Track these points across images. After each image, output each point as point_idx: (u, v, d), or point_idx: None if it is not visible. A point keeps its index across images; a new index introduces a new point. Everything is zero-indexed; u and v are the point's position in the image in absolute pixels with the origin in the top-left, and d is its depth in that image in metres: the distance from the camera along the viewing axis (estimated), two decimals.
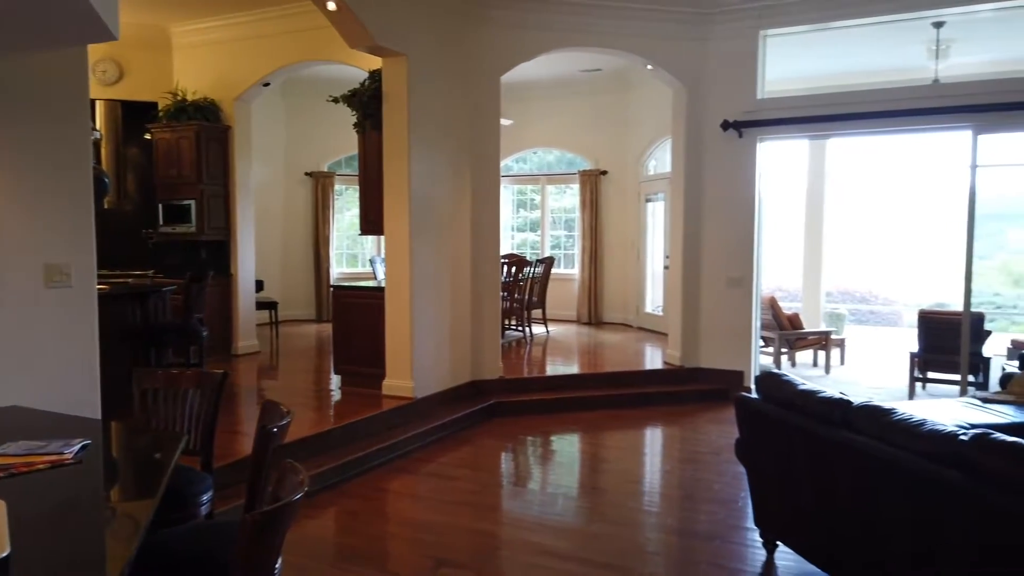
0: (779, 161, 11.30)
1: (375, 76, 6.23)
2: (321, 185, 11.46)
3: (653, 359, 8.34)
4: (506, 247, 12.36)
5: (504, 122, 8.19)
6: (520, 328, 9.63)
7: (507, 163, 12.17)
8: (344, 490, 4.85)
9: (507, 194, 12.40)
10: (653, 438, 6.44)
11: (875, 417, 3.05)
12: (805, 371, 8.96)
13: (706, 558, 3.89)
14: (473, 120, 6.83)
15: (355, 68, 7.03)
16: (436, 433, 5.95)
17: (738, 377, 7.24)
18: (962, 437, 2.65)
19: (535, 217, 12.20)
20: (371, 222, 6.44)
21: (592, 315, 11.00)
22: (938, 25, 6.84)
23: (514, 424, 6.46)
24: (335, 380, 6.89)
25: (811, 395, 3.41)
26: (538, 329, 9.97)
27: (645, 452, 6.11)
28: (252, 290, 8.50)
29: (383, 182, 6.15)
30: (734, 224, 7.35)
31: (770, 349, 8.78)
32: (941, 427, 2.79)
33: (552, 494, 5.00)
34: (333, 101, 6.49)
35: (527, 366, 8.22)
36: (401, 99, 5.97)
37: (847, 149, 14.24)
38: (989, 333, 7.37)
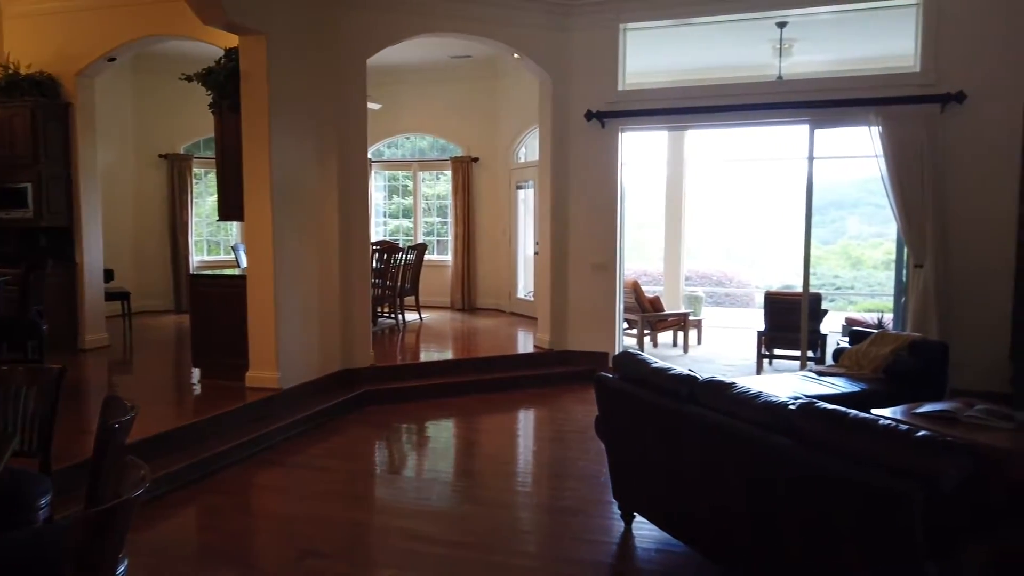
0: (643, 151, 11.81)
1: (232, 54, 5.95)
2: (178, 168, 10.83)
3: (525, 343, 8.50)
4: (379, 233, 12.21)
5: (372, 106, 8.07)
6: (393, 315, 9.55)
7: (379, 148, 11.99)
8: (205, 487, 4.66)
9: (379, 180, 12.23)
10: (523, 420, 6.59)
11: (718, 391, 3.28)
12: (666, 351, 9.44)
13: (570, 532, 4.04)
14: (339, 103, 6.67)
15: (212, 45, 6.68)
16: (304, 424, 5.82)
17: (603, 358, 7.53)
18: (791, 406, 2.90)
19: (408, 203, 12.10)
20: (230, 207, 6.17)
21: (466, 301, 11.07)
22: (781, 25, 7.34)
23: (386, 412, 6.42)
24: (195, 373, 6.57)
25: (662, 372, 3.62)
26: (411, 316, 9.93)
27: (516, 434, 6.24)
28: (100, 280, 7.93)
29: (243, 165, 5.90)
30: (599, 211, 7.61)
31: (634, 331, 9.17)
32: (774, 398, 3.04)
33: (425, 480, 5.03)
34: (186, 79, 6.14)
35: (400, 353, 8.18)
36: (260, 80, 5.74)
37: (705, 140, 15.07)
38: (826, 312, 8.05)
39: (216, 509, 4.40)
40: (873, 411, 4.34)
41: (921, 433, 2.47)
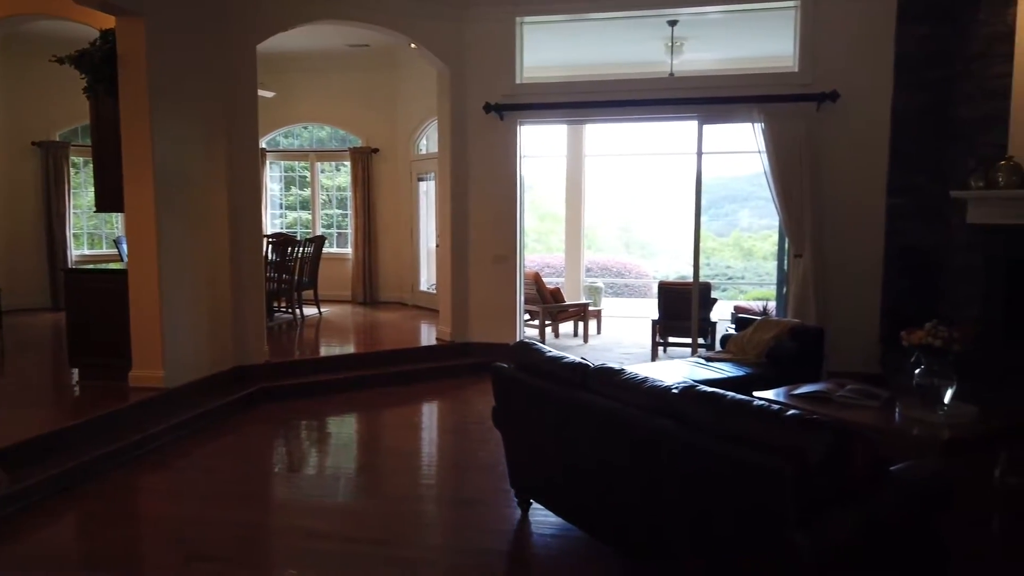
0: (546, 143, 11.97)
1: (107, 36, 5.61)
2: (53, 157, 10.14)
3: (427, 336, 8.46)
4: (277, 226, 11.87)
5: (265, 94, 7.82)
6: (290, 310, 9.30)
7: (275, 137, 11.64)
8: (86, 492, 4.40)
9: (276, 170, 11.87)
10: (425, 413, 6.57)
11: (608, 377, 3.38)
12: (567, 341, 9.61)
13: (469, 523, 4.07)
14: (229, 90, 6.41)
15: (88, 26, 6.28)
16: (193, 424, 5.59)
17: (504, 349, 7.52)
18: (674, 391, 3.02)
19: (307, 195, 11.79)
20: (109, 198, 5.82)
21: (367, 295, 10.91)
22: (672, 23, 7.58)
23: (283, 409, 6.26)
24: (74, 374, 6.20)
25: (556, 361, 3.69)
26: (310, 311, 9.69)
27: (418, 427, 6.21)
28: None
29: (122, 154, 5.59)
30: (499, 203, 7.66)
31: (536, 322, 9.30)
32: (659, 383, 3.16)
33: (325, 477, 4.94)
34: (57, 62, 5.76)
35: (298, 348, 7.99)
36: (139, 64, 5.44)
37: (604, 134, 15.42)
38: (715, 301, 8.41)
39: (97, 515, 4.17)
40: (755, 393, 4.58)
41: (790, 412, 2.62)
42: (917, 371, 4.12)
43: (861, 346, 6.77)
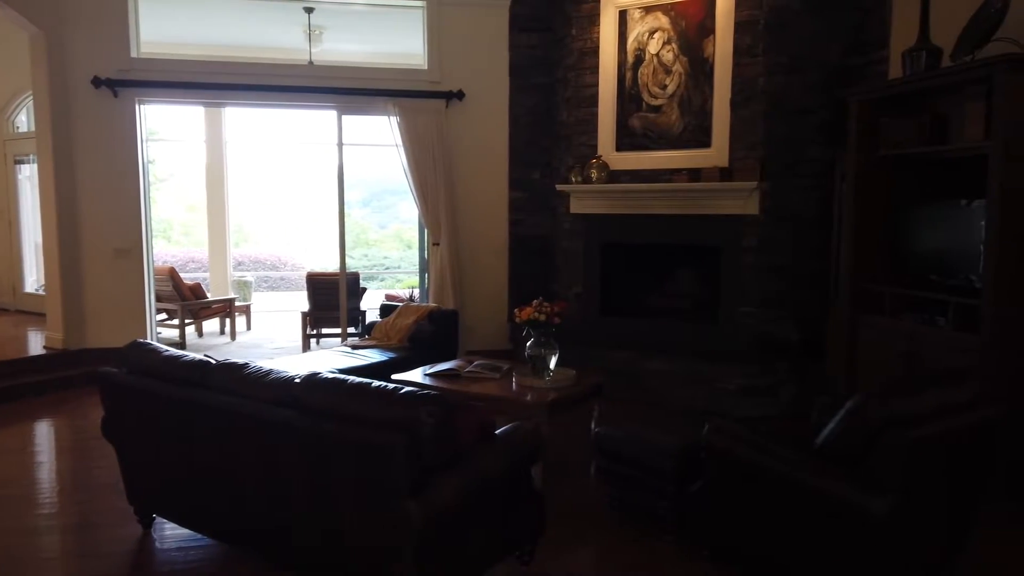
0: (186, 127, 11.00)
1: None
2: None
3: (35, 345, 7.27)
4: None
5: None
6: None
7: None
8: None
9: None
10: (32, 433, 5.64)
11: (231, 373, 3.22)
12: (213, 340, 9.02)
13: (84, 550, 3.61)
14: None
15: None
16: None
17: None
18: (296, 380, 2.99)
19: None
20: None
21: None
22: (309, 11, 7.45)
23: None
24: None
25: (174, 360, 3.42)
26: None
27: (22, 451, 5.27)
28: None
29: None
30: (117, 191, 6.84)
31: (175, 321, 8.55)
32: (282, 374, 3.10)
33: None
34: None
35: None
36: None
37: (253, 121, 14.71)
38: (365, 290, 8.57)
39: None
40: (394, 376, 4.78)
41: (404, 390, 2.76)
42: (528, 343, 4.64)
43: (494, 326, 7.43)
